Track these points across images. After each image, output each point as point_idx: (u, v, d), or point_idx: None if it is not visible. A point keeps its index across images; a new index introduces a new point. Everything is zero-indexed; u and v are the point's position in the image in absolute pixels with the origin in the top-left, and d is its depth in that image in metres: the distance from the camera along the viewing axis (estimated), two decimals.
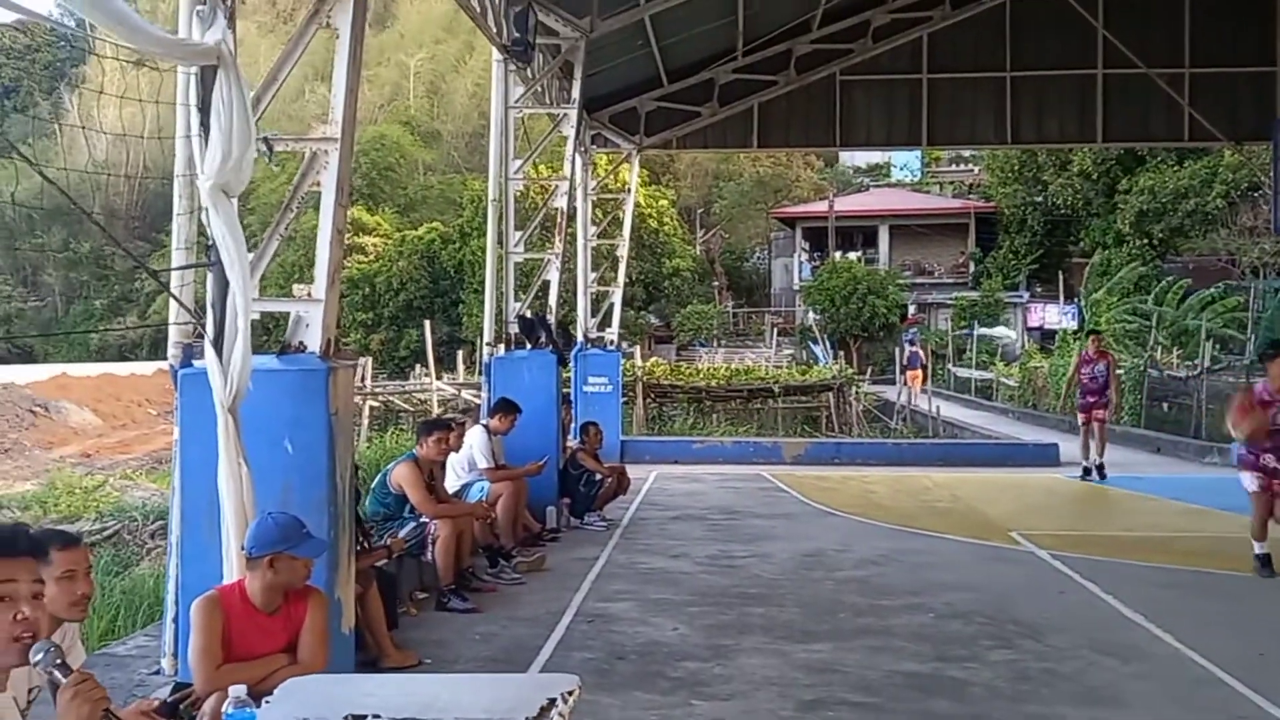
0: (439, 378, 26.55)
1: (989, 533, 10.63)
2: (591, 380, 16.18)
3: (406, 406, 25.83)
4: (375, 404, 25.40)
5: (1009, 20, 16.21)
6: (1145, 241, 36.82)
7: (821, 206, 48.53)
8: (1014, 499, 13.25)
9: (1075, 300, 38.43)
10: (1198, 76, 15.93)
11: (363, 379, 24.19)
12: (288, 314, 5.48)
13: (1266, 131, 15.57)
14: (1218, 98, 15.99)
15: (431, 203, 51.72)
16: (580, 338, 16.56)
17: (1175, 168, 36.25)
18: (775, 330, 43.04)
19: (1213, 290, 30.03)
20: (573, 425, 12.81)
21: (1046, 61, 16.32)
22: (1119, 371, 16.23)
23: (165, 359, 6.40)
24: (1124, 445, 19.17)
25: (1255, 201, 34.59)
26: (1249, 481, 8.78)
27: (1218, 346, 25.69)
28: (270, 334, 7.34)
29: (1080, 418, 14.64)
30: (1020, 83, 16.41)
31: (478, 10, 10.24)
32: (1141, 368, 21.42)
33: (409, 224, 47.86)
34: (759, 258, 54.98)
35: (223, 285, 4.87)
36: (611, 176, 18.86)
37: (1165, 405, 20.30)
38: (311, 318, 5.31)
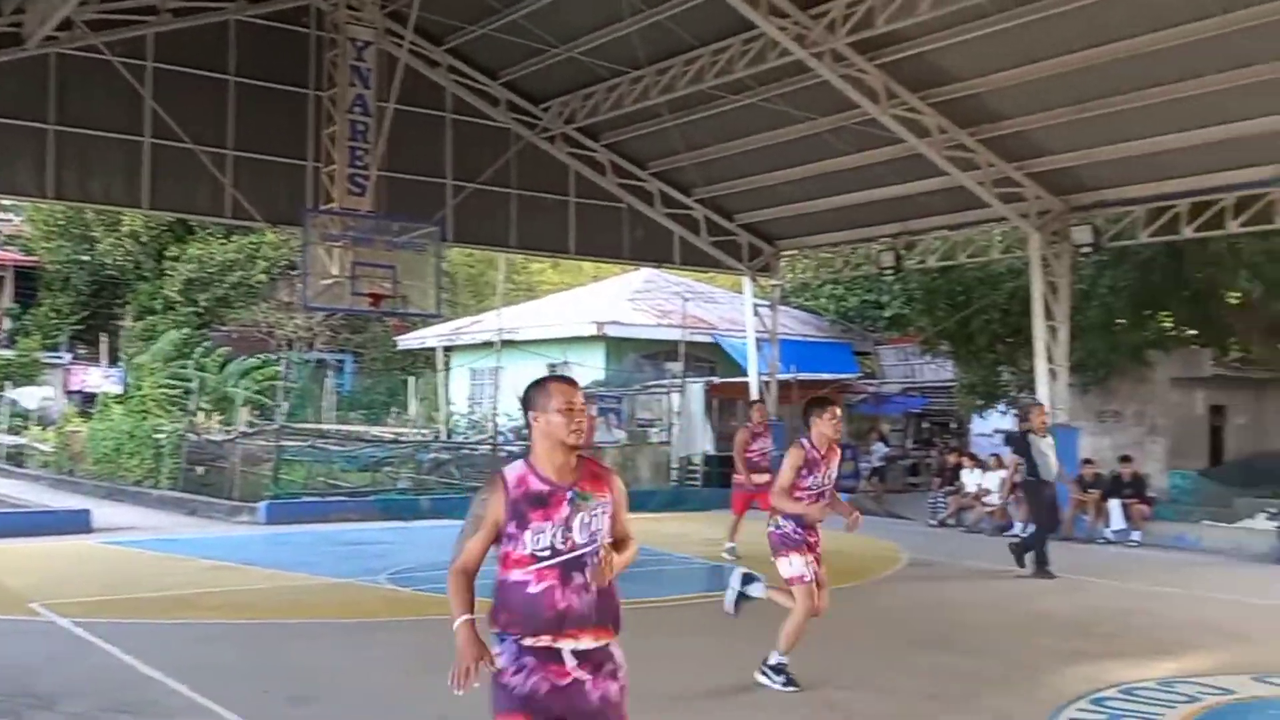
0: None
1: (8, 607, 10.00)
2: None
3: None
4: None
5: (54, 72, 15.70)
6: (193, 309, 37.92)
7: None
8: (40, 569, 12.61)
9: (119, 364, 37.88)
10: (240, 159, 17.07)
11: None
12: None
13: (299, 217, 17.24)
14: (257, 181, 17.22)
15: None
16: None
17: (224, 241, 38.12)
18: None
19: (254, 359, 32.04)
20: None
21: (95, 121, 16.08)
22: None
23: None
24: (159, 509, 19.43)
25: (292, 280, 38.03)
26: (799, 567, 7.05)
27: (255, 411, 27.50)
28: None
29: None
30: (66, 137, 15.90)
31: None
32: (180, 432, 21.90)
33: None
34: None
35: None
36: None
37: (202, 468, 21.01)
38: None
